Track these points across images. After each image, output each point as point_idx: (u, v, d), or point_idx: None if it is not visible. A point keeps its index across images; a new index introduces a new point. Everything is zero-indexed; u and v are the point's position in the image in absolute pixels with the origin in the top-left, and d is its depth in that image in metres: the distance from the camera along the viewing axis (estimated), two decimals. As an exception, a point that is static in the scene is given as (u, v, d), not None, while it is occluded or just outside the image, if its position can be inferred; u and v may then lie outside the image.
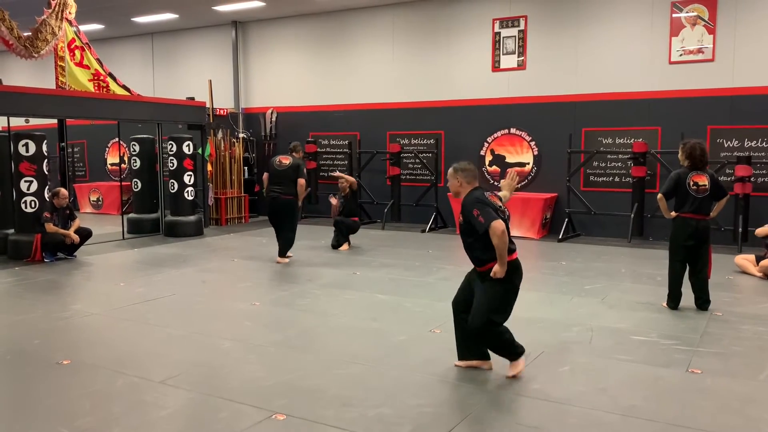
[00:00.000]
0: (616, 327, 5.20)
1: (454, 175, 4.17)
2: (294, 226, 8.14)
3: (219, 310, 5.94)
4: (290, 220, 8.05)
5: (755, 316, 5.56)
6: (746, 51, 9.39)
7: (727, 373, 4.16)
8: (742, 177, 8.91)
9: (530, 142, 11.04)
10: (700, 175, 5.60)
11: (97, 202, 14.77)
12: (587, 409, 3.59)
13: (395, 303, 6.04)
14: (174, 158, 10.84)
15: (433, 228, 11.25)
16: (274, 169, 7.97)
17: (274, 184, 7.95)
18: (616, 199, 10.28)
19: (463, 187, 4.15)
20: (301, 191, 7.94)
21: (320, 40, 13.00)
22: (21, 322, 5.42)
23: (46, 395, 3.81)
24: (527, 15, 10.90)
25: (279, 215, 8.02)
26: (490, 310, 3.94)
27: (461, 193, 4.16)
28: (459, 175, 4.15)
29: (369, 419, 3.45)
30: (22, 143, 8.51)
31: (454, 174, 4.18)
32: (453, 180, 4.18)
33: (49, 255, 8.36)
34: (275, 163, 8.03)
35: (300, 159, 8.16)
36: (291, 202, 7.95)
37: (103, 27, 14.38)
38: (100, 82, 10.47)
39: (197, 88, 13.28)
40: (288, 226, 8.06)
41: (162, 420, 3.48)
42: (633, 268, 7.73)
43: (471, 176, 4.16)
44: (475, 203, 3.96)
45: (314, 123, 13.10)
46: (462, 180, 4.14)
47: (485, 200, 3.98)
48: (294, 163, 7.98)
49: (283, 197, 7.89)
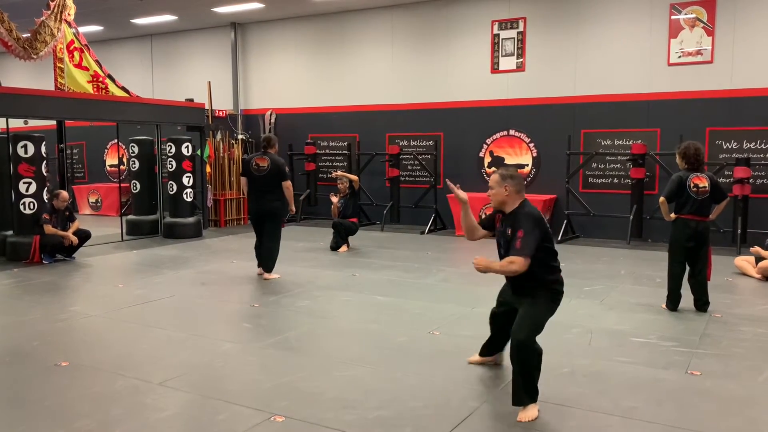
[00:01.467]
0: (615, 329, 5.19)
1: (501, 182, 3.55)
2: (277, 235, 7.22)
3: (218, 311, 5.93)
4: (274, 227, 7.16)
5: (754, 317, 5.56)
6: (745, 53, 9.41)
7: (727, 375, 4.16)
8: (741, 178, 8.91)
9: (529, 143, 11.05)
10: (700, 177, 5.61)
11: (96, 204, 14.76)
12: (587, 411, 3.59)
13: (394, 305, 6.03)
14: (173, 160, 10.84)
15: (433, 230, 11.25)
16: (252, 174, 7.06)
17: (255, 191, 7.07)
18: (615, 200, 10.28)
19: (510, 198, 3.56)
20: (289, 195, 7.14)
21: (319, 41, 13.01)
22: (20, 324, 5.41)
23: (45, 397, 3.80)
24: (526, 17, 10.92)
25: (262, 220, 7.12)
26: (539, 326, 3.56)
27: (507, 204, 3.58)
28: (508, 183, 3.55)
29: (368, 421, 3.45)
30: (20, 144, 8.50)
31: (500, 181, 3.55)
32: (499, 188, 3.56)
33: (48, 257, 8.35)
34: (252, 166, 7.06)
35: (278, 157, 7.23)
36: (277, 207, 7.11)
37: (102, 28, 14.38)
38: (99, 84, 10.46)
39: (196, 89, 13.28)
40: (270, 235, 7.16)
41: (161, 422, 3.47)
42: (632, 270, 7.73)
43: (521, 185, 3.59)
44: (532, 222, 3.46)
45: (313, 124, 13.10)
46: (511, 189, 3.55)
47: (543, 225, 3.51)
48: (273, 165, 7.03)
49: (269, 202, 7.05)
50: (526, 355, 3.45)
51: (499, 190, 3.57)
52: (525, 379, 3.47)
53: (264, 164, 7.05)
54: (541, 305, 3.59)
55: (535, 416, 3.45)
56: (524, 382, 3.47)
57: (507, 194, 3.57)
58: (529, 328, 3.48)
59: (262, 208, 7.08)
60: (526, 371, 3.46)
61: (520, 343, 3.45)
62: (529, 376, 3.47)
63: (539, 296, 3.59)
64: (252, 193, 7.11)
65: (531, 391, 3.49)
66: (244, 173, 7.20)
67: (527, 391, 3.48)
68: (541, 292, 3.59)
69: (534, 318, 3.53)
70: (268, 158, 7.07)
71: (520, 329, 3.48)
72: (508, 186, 3.55)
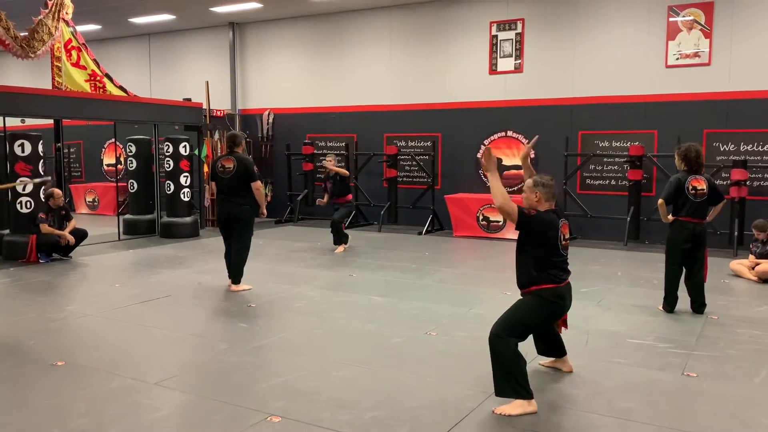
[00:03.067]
0: (612, 330, 5.20)
1: (533, 189, 3.72)
2: (248, 241, 6.68)
3: (215, 311, 5.93)
4: (242, 233, 6.60)
5: (751, 319, 5.57)
6: (742, 55, 9.43)
7: (723, 377, 4.16)
8: (738, 181, 8.94)
9: (527, 144, 11.04)
10: (698, 180, 5.62)
11: (93, 203, 14.73)
12: (583, 412, 3.59)
13: (391, 305, 6.03)
14: (170, 159, 10.82)
15: (430, 230, 11.25)
16: (218, 177, 6.56)
17: (222, 194, 6.58)
18: (613, 202, 10.29)
19: (540, 204, 3.71)
20: (260, 197, 6.62)
21: (317, 41, 13.01)
22: (15, 323, 5.40)
23: (41, 397, 3.80)
24: (524, 18, 10.93)
25: (230, 225, 6.61)
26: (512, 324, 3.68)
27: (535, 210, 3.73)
28: (539, 191, 3.71)
29: (365, 421, 3.44)
30: (17, 143, 8.48)
31: (532, 188, 3.73)
32: (530, 194, 3.73)
33: (45, 256, 8.33)
34: (218, 169, 6.58)
35: (245, 156, 6.73)
36: (245, 211, 6.58)
37: (100, 27, 14.35)
38: (96, 83, 10.45)
39: (194, 89, 13.26)
40: (240, 241, 6.62)
41: (157, 422, 3.47)
42: (629, 272, 7.73)
43: (550, 195, 3.73)
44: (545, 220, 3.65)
45: (311, 124, 13.09)
46: (541, 197, 3.70)
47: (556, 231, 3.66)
48: (240, 165, 6.50)
49: (236, 206, 6.53)
50: (497, 346, 3.59)
51: (530, 196, 3.74)
52: (500, 371, 3.58)
53: (229, 165, 6.51)
54: (525, 307, 3.73)
55: (513, 413, 3.51)
56: (500, 374, 3.57)
57: (537, 200, 3.72)
58: (503, 322, 3.66)
59: (229, 212, 6.56)
60: (497, 363, 3.59)
61: (491, 335, 3.64)
62: (504, 371, 3.56)
63: (527, 297, 3.75)
64: (219, 197, 6.63)
65: (510, 386, 3.55)
66: (213, 176, 6.69)
67: (507, 383, 3.55)
68: (532, 291, 3.72)
69: (511, 314, 3.70)
70: (234, 158, 6.53)
71: (496, 322, 3.69)
72: (539, 193, 3.71)
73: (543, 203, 3.71)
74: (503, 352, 3.56)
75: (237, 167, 6.49)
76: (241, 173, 6.48)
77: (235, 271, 6.67)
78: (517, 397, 3.55)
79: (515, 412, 3.51)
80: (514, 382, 3.53)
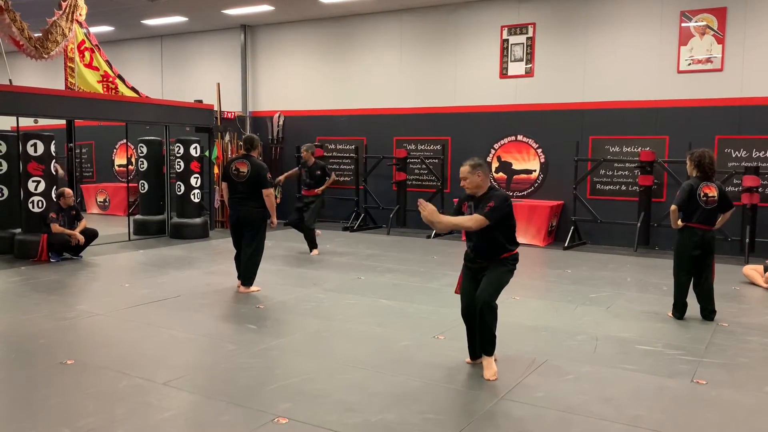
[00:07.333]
0: (621, 336, 5.17)
1: (474, 171, 4.11)
2: (260, 245, 6.66)
3: (223, 312, 5.95)
4: (254, 237, 6.58)
5: (761, 327, 5.53)
6: (755, 61, 9.37)
7: (733, 385, 4.13)
8: (750, 187, 8.87)
9: (537, 149, 11.03)
10: (710, 187, 5.60)
11: (103, 203, 14.83)
12: (591, 419, 3.57)
13: (399, 308, 6.03)
14: (181, 160, 10.88)
15: (439, 234, 11.25)
16: (231, 180, 6.57)
17: (235, 197, 6.58)
18: (623, 207, 10.25)
19: (484, 182, 4.14)
20: (270, 205, 6.55)
21: (328, 44, 13.04)
22: (26, 322, 5.44)
23: (50, 395, 3.82)
24: (536, 22, 10.91)
25: (242, 229, 6.60)
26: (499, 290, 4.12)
27: (482, 187, 4.14)
28: (479, 171, 4.12)
29: (372, 425, 3.44)
30: (30, 143, 8.56)
31: (472, 170, 4.12)
32: (473, 177, 4.12)
33: (55, 255, 8.39)
34: (232, 171, 6.56)
35: (259, 161, 6.68)
36: (257, 214, 6.55)
37: (113, 29, 14.46)
38: (109, 84, 10.52)
39: (205, 90, 13.33)
40: (252, 245, 6.59)
41: (165, 422, 3.48)
42: (639, 277, 7.69)
43: (488, 171, 4.20)
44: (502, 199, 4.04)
45: (321, 127, 13.13)
46: (483, 175, 4.13)
47: (510, 205, 4.09)
48: (253, 171, 6.49)
49: (249, 209, 6.53)
50: (491, 314, 4.06)
51: (474, 177, 4.12)
52: (491, 333, 4.09)
53: (244, 169, 6.51)
54: (503, 272, 4.14)
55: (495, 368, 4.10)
56: (491, 336, 4.10)
57: (481, 179, 4.13)
58: (493, 289, 4.07)
59: (241, 216, 6.55)
60: (490, 328, 4.07)
61: (485, 304, 4.02)
62: (493, 333, 4.10)
63: (502, 263, 4.15)
64: (231, 200, 6.62)
65: (493, 345, 4.13)
66: (225, 177, 6.68)
67: (492, 343, 4.12)
68: (504, 260, 4.15)
69: (496, 282, 4.10)
70: (249, 163, 6.53)
71: (485, 292, 4.05)
72: (480, 172, 4.12)
73: (486, 180, 4.15)
74: (495, 317, 4.09)
75: (251, 172, 6.50)
76: (254, 179, 6.49)
77: (246, 273, 6.66)
78: (493, 351, 4.14)
79: (495, 367, 4.13)
80: (494, 338, 4.13)
